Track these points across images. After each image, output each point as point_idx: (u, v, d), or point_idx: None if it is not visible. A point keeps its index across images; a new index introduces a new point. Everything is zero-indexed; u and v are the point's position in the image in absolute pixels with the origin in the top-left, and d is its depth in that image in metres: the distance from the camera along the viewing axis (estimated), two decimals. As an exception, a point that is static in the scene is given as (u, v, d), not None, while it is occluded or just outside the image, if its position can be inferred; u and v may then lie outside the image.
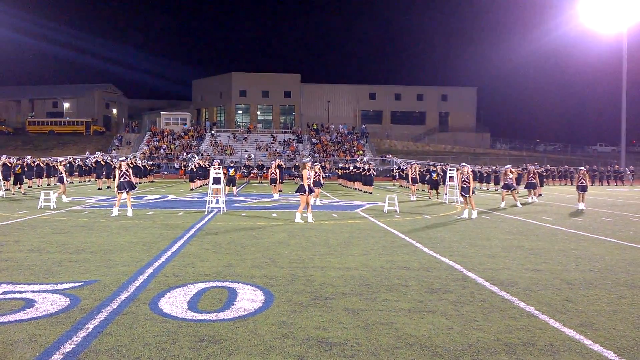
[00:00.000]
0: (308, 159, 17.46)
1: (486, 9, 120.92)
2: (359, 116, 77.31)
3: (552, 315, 5.70)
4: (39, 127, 72.20)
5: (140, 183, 33.99)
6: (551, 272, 7.96)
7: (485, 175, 34.91)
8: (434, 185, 25.73)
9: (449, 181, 23.00)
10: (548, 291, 6.76)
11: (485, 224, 14.25)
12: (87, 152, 44.14)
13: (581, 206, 19.26)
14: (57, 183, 20.32)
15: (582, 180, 19.71)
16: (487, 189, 33.54)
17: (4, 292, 6.30)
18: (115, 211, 14.98)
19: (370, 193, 27.38)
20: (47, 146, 63.35)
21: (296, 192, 14.30)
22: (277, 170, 24.44)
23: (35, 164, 29.28)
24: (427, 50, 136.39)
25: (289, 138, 62.62)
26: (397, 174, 38.55)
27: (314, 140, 62.17)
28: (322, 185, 19.10)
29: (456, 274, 7.70)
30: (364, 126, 67.96)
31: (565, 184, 44.55)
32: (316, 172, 18.79)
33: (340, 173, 39.08)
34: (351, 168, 33.08)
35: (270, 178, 24.55)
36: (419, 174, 26.72)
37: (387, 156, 55.97)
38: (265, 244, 10.12)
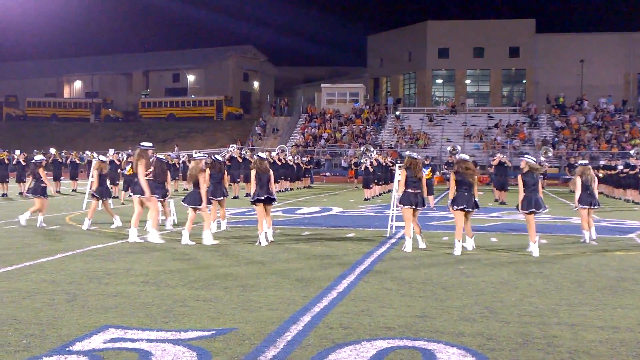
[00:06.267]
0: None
1: None
2: (633, 83, 73.29)
3: None
4: (156, 110, 79.35)
5: (290, 189, 35.57)
6: None
7: None
8: None
9: None
10: None
11: None
12: (191, 151, 46.57)
13: None
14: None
15: None
16: None
17: (112, 340, 6.95)
18: (214, 226, 15.82)
19: (654, 208, 25.96)
20: (166, 136, 68.86)
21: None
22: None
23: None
24: None
25: (517, 120, 61.40)
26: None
27: (557, 122, 60.30)
28: None
29: None
30: (642, 99, 64.38)
31: None
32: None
33: (601, 175, 37.40)
34: (620, 167, 31.54)
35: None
36: None
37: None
38: (479, 285, 10.04)
